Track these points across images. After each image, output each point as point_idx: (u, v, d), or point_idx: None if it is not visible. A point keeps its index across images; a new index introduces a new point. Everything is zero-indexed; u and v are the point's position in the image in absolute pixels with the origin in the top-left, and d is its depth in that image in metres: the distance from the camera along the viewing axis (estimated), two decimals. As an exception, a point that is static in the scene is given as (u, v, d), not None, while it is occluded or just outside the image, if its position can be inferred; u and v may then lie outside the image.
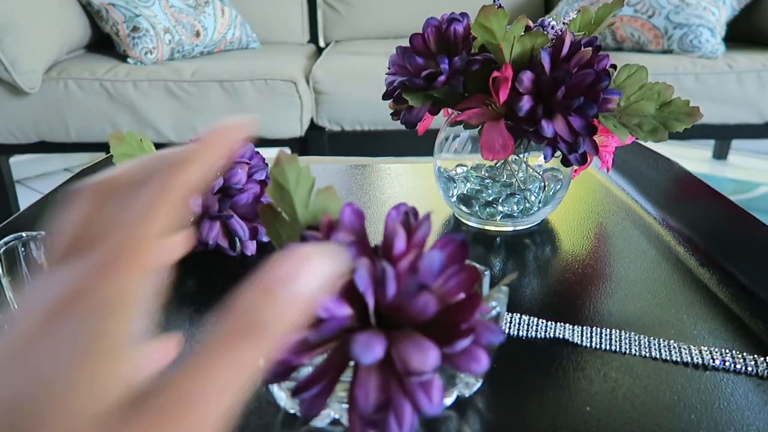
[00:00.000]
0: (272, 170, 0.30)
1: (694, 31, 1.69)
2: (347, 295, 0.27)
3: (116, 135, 0.51)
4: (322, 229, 0.29)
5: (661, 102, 0.50)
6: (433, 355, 0.25)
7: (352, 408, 0.26)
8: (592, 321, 0.45)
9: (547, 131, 0.48)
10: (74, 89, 1.57)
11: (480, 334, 0.26)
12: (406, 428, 0.26)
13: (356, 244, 0.28)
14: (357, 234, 0.29)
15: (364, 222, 0.30)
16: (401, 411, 0.25)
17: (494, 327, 0.27)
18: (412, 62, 0.52)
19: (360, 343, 0.25)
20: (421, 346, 0.25)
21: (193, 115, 1.62)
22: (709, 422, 0.35)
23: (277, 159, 0.30)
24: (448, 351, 0.26)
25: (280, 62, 1.73)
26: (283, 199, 0.31)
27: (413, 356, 0.25)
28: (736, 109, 1.68)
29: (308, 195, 0.31)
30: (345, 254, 0.19)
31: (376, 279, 0.27)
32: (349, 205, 0.30)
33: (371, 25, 2.22)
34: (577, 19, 0.55)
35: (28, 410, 0.14)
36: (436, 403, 0.25)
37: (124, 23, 1.66)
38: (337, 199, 0.32)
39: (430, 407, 0.25)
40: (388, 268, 0.27)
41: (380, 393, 0.26)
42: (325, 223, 0.29)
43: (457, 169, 0.63)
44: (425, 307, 0.26)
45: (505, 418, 0.36)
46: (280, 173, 0.30)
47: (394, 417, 0.26)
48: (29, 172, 2.15)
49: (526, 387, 0.38)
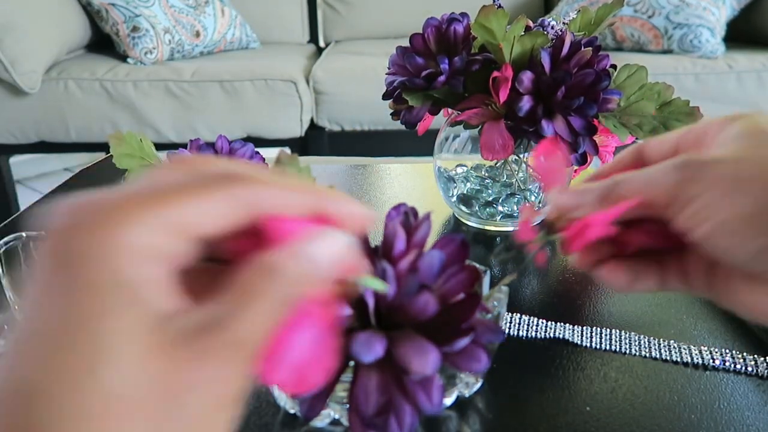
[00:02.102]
0: (272, 169, 0.30)
1: (694, 31, 1.69)
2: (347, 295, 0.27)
3: (116, 135, 0.51)
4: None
5: (661, 102, 0.50)
6: (433, 356, 0.25)
7: (353, 408, 0.26)
8: (592, 321, 0.45)
9: (547, 131, 0.48)
10: (74, 89, 1.57)
11: (480, 333, 0.26)
12: (407, 428, 0.26)
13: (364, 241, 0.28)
14: (357, 234, 0.29)
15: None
16: (401, 411, 0.26)
17: (494, 326, 0.27)
18: (412, 62, 0.52)
19: (360, 342, 0.25)
20: (422, 347, 0.25)
21: (193, 115, 1.62)
22: (709, 422, 0.35)
23: (277, 158, 0.31)
24: (447, 350, 0.26)
25: (280, 62, 1.73)
26: None
27: (414, 358, 0.25)
28: (736, 109, 1.66)
29: None
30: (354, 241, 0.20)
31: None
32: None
33: (371, 25, 2.22)
34: (577, 19, 0.55)
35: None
36: (436, 403, 0.25)
37: (124, 23, 1.66)
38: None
39: (430, 407, 0.25)
40: (388, 268, 0.27)
41: (380, 393, 0.26)
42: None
43: (457, 169, 0.63)
44: (425, 307, 0.26)
45: (505, 418, 0.36)
46: (281, 171, 0.31)
47: (394, 417, 0.26)
48: (29, 172, 2.15)
49: (526, 387, 0.38)
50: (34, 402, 0.15)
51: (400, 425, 0.26)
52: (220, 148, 0.54)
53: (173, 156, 0.51)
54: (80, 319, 0.15)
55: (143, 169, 0.52)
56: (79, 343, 0.15)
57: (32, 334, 0.16)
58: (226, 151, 0.54)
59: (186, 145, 0.55)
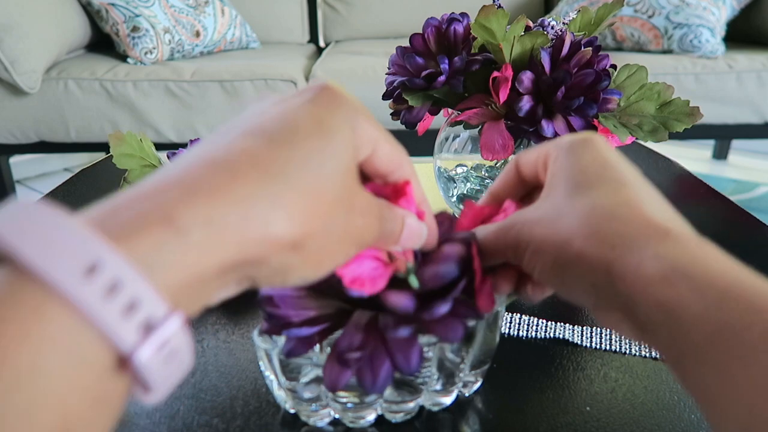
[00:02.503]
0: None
1: (694, 31, 1.69)
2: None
3: (116, 135, 0.51)
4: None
5: (661, 102, 0.50)
6: (407, 300, 0.27)
7: (332, 352, 0.28)
8: (592, 321, 0.45)
9: (547, 131, 0.48)
10: (74, 89, 1.57)
11: (461, 309, 0.28)
12: (380, 382, 0.27)
13: None
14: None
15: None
16: (378, 363, 0.27)
17: (475, 311, 0.28)
18: (412, 62, 0.52)
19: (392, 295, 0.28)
20: (401, 294, 0.28)
21: (193, 115, 1.62)
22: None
23: None
24: (427, 316, 0.27)
25: (280, 62, 1.73)
26: None
27: (392, 297, 0.27)
28: (736, 109, 1.68)
29: None
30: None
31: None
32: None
33: (371, 25, 2.22)
34: (577, 19, 0.55)
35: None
36: (413, 365, 0.27)
37: (124, 23, 1.66)
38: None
39: (407, 366, 0.27)
40: (414, 281, 0.29)
41: (362, 342, 0.28)
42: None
43: (457, 169, 0.63)
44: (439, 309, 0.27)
45: (505, 418, 0.36)
46: None
47: (369, 369, 0.27)
48: (29, 172, 2.15)
49: (526, 387, 0.38)
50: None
51: (374, 376, 0.27)
52: (220, 148, 0.54)
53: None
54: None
55: (143, 170, 0.52)
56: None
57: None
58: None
59: (186, 145, 0.55)
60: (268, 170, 0.20)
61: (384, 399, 0.34)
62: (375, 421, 0.35)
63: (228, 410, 0.36)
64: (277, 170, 0.20)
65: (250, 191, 0.19)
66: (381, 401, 0.34)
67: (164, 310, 0.17)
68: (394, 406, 0.34)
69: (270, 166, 0.20)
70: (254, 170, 0.19)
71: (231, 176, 0.19)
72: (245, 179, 0.19)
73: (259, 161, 0.20)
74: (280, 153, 0.20)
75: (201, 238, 0.18)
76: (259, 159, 0.20)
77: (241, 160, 0.20)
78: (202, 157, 0.20)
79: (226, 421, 0.35)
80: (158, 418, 0.35)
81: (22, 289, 0.15)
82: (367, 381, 0.27)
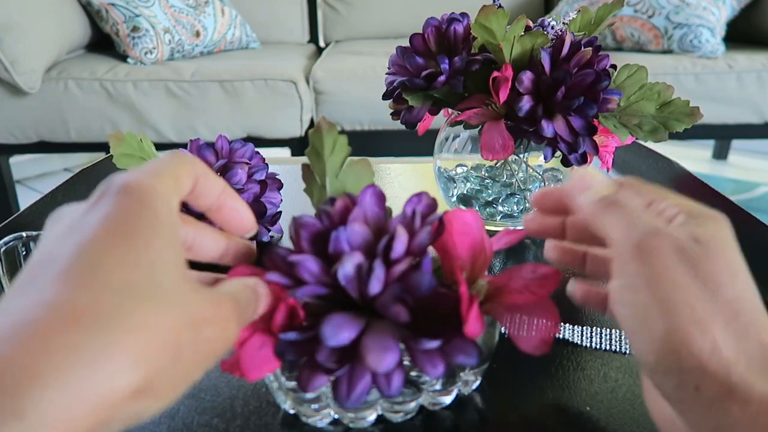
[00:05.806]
0: (311, 133, 0.31)
1: (694, 31, 1.69)
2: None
3: (116, 135, 0.51)
4: (335, 214, 0.29)
5: (661, 102, 0.50)
6: (390, 358, 0.25)
7: (311, 356, 0.27)
8: (592, 321, 0.45)
9: (547, 131, 0.48)
10: (74, 89, 1.57)
11: (454, 348, 0.27)
12: (354, 396, 0.26)
13: (364, 233, 0.28)
14: (372, 220, 0.29)
15: (384, 204, 0.30)
16: (356, 379, 0.26)
17: (469, 348, 0.27)
18: (412, 62, 0.52)
19: (331, 324, 0.25)
20: (385, 345, 0.25)
21: (193, 115, 1.62)
22: (709, 422, 0.35)
23: (317, 125, 0.31)
24: (414, 347, 0.26)
25: (280, 62, 1.73)
26: (317, 163, 0.31)
27: (372, 352, 0.25)
28: (736, 109, 1.68)
29: (341, 165, 0.32)
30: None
31: (361, 275, 0.27)
32: (371, 187, 0.30)
33: (371, 25, 2.22)
34: (577, 19, 0.55)
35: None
36: (393, 391, 0.26)
37: (124, 23, 1.66)
38: (369, 173, 0.32)
39: (387, 391, 0.26)
40: (378, 269, 0.27)
41: (343, 356, 0.26)
42: (340, 208, 0.29)
43: (457, 169, 0.63)
44: (397, 317, 0.26)
45: (504, 418, 0.36)
46: (318, 139, 0.31)
47: (346, 381, 0.26)
48: (29, 172, 2.15)
49: (525, 387, 0.38)
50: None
51: (349, 389, 0.26)
52: (220, 148, 0.54)
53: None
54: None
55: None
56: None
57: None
58: (226, 151, 0.54)
59: (186, 145, 0.55)
60: (88, 325, 0.18)
61: (384, 399, 0.34)
62: (375, 421, 0.35)
63: (228, 410, 0.36)
64: (94, 321, 0.18)
65: (76, 357, 0.17)
66: (381, 401, 0.34)
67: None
68: (395, 406, 0.34)
69: (86, 318, 0.18)
70: (74, 328, 0.18)
71: (52, 349, 0.17)
72: (67, 344, 0.17)
73: (72, 316, 0.18)
74: (92, 299, 0.18)
75: (41, 425, 0.16)
76: (67, 315, 0.18)
77: (52, 326, 0.18)
78: (19, 323, 0.18)
79: (226, 421, 0.35)
80: (158, 417, 0.35)
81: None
82: (342, 392, 0.26)
